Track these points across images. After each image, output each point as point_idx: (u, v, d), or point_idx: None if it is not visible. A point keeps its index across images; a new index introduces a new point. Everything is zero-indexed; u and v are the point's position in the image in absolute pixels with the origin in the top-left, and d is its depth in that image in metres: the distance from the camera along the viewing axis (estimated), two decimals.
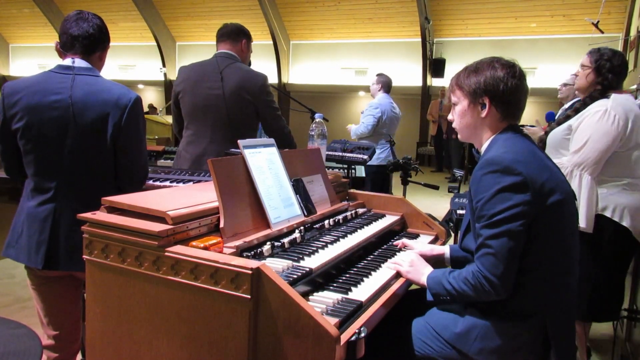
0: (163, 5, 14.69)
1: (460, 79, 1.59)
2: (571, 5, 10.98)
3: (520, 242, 1.38)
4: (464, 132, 1.62)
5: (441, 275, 1.52)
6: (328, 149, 3.10)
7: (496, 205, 1.38)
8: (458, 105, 1.60)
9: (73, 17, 1.84)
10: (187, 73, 2.70)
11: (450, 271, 1.51)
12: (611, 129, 2.27)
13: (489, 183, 1.40)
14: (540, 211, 1.39)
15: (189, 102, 2.66)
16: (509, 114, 1.54)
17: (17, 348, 2.72)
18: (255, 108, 2.63)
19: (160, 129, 7.94)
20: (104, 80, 1.85)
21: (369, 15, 12.91)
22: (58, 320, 1.89)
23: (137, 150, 1.89)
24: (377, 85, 4.82)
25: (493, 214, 1.38)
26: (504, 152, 1.44)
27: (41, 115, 1.74)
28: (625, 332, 2.82)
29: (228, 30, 2.72)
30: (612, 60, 2.37)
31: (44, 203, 1.78)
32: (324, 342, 1.09)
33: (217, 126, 2.61)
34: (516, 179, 1.37)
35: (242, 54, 2.74)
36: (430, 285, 1.54)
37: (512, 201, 1.36)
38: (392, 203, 2.28)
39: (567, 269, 1.46)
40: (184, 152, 2.70)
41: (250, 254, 1.43)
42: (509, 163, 1.39)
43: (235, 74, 2.61)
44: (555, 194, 1.40)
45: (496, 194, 1.38)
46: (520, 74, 1.53)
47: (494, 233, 1.38)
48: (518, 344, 1.42)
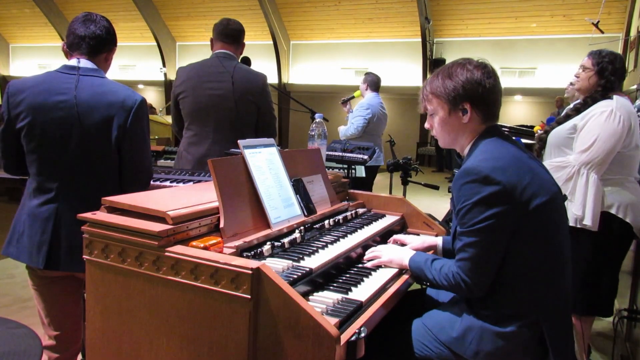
0: (163, 5, 14.69)
1: (434, 85, 1.54)
2: (571, 5, 10.98)
3: (499, 249, 1.40)
4: (445, 139, 1.59)
5: (423, 264, 1.56)
6: (328, 149, 3.09)
7: (475, 216, 1.39)
8: (437, 114, 1.56)
9: (81, 18, 1.85)
10: (187, 73, 2.68)
11: (432, 260, 1.55)
12: (617, 129, 2.32)
13: (468, 193, 1.40)
14: (523, 216, 1.39)
15: (191, 103, 2.64)
16: (489, 116, 1.53)
17: (17, 348, 2.72)
18: (257, 107, 2.65)
19: (160, 129, 7.94)
20: (110, 81, 1.85)
21: (369, 15, 12.91)
22: (59, 321, 1.89)
23: (141, 152, 1.89)
24: (363, 85, 4.71)
25: (473, 223, 1.40)
26: (483, 159, 1.43)
27: (45, 115, 1.74)
28: (625, 332, 2.83)
29: (232, 33, 2.70)
30: (614, 62, 2.42)
31: (46, 203, 1.78)
32: (324, 342, 1.09)
33: (220, 127, 2.61)
34: (495, 189, 1.37)
35: (239, 55, 2.76)
36: (413, 269, 1.59)
37: (491, 211, 1.37)
38: (392, 203, 2.28)
39: (558, 269, 1.46)
40: (185, 153, 2.68)
41: (250, 254, 1.43)
42: (488, 172, 1.38)
43: (242, 75, 2.62)
44: (539, 196, 1.39)
45: (475, 205, 1.39)
46: (494, 72, 1.52)
47: (472, 241, 1.40)
48: (513, 346, 1.42)
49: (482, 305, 1.46)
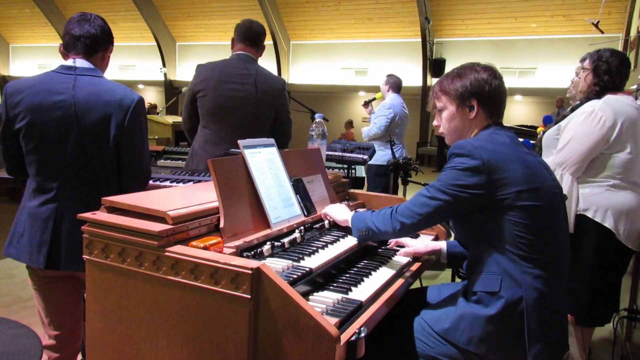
0: (163, 5, 14.70)
1: (444, 84, 1.65)
2: (571, 5, 10.99)
3: (444, 215, 1.56)
4: (452, 135, 1.66)
5: (365, 214, 1.73)
6: (328, 149, 3.09)
7: (447, 177, 1.51)
8: (445, 111, 1.65)
9: (76, 18, 1.85)
10: (208, 72, 2.65)
11: (372, 212, 1.70)
12: (594, 130, 2.26)
13: (453, 162, 1.52)
14: (500, 196, 1.45)
15: (211, 102, 2.61)
16: (494, 113, 1.61)
17: (17, 348, 2.72)
18: (274, 110, 2.66)
19: (161, 129, 7.92)
20: (107, 81, 1.85)
21: (369, 15, 12.92)
22: (59, 320, 1.90)
23: (139, 151, 1.89)
24: (385, 86, 4.84)
25: (442, 182, 1.51)
26: (475, 140, 1.54)
27: (44, 115, 1.74)
28: (625, 332, 2.83)
29: (255, 34, 2.68)
30: (609, 61, 2.36)
31: (46, 203, 1.78)
32: (324, 342, 1.09)
33: (240, 128, 2.57)
34: (475, 163, 1.46)
35: (259, 57, 2.75)
36: (355, 221, 1.72)
37: (461, 181, 1.47)
38: (392, 203, 2.28)
39: (550, 258, 1.47)
40: (201, 151, 2.65)
41: (250, 254, 1.43)
42: (473, 148, 1.48)
43: (263, 79, 2.63)
44: (526, 184, 1.45)
45: (453, 170, 1.50)
46: (500, 75, 1.63)
47: (429, 194, 1.52)
48: (504, 332, 1.43)
49: (474, 291, 1.49)
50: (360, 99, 14.12)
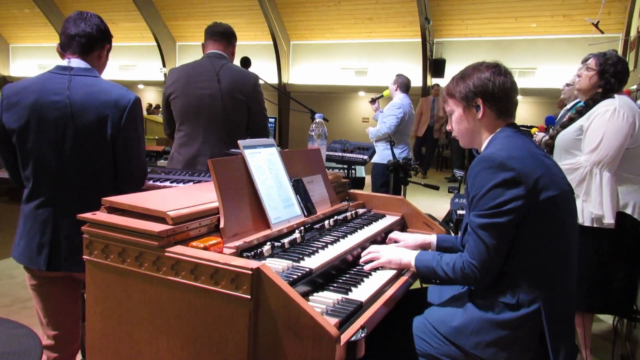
0: (163, 5, 14.68)
1: (449, 88, 1.66)
2: (571, 5, 10.97)
3: (509, 236, 1.43)
4: (465, 137, 1.67)
5: (432, 261, 1.57)
6: (328, 149, 3.10)
7: (490, 201, 1.43)
8: (454, 114, 1.65)
9: (73, 17, 1.84)
10: (177, 74, 2.68)
11: (439, 256, 1.57)
12: (623, 125, 2.36)
13: (484, 179, 1.45)
14: (534, 205, 1.42)
15: (181, 103, 2.64)
16: (503, 111, 1.59)
17: (17, 348, 2.72)
18: (247, 107, 2.65)
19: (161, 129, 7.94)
20: (103, 81, 1.84)
21: (369, 15, 12.90)
22: (57, 321, 1.90)
23: (136, 151, 1.89)
24: (394, 86, 4.88)
25: (487, 207, 1.44)
26: (499, 149, 1.49)
27: (40, 116, 1.73)
28: (625, 332, 2.83)
29: (222, 30, 2.71)
30: (616, 65, 2.46)
31: (43, 204, 1.77)
32: (324, 342, 1.09)
33: (211, 126, 2.60)
34: (510, 175, 1.42)
35: (232, 57, 2.75)
36: (421, 269, 1.59)
37: (506, 196, 1.42)
38: (392, 203, 2.28)
39: (563, 264, 1.47)
40: (176, 154, 2.68)
41: (250, 254, 1.43)
42: (503, 159, 1.44)
43: (230, 74, 2.61)
44: (549, 189, 1.44)
45: (490, 190, 1.44)
46: (506, 70, 1.59)
47: (485, 223, 1.44)
48: (513, 337, 1.43)
49: (484, 296, 1.48)
50: (360, 99, 14.14)
